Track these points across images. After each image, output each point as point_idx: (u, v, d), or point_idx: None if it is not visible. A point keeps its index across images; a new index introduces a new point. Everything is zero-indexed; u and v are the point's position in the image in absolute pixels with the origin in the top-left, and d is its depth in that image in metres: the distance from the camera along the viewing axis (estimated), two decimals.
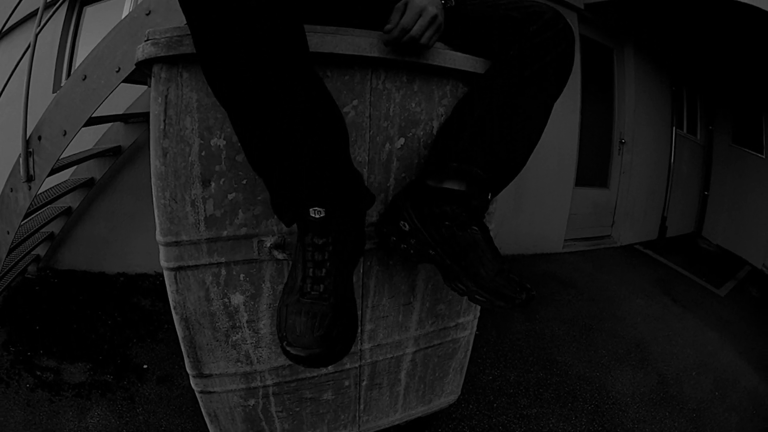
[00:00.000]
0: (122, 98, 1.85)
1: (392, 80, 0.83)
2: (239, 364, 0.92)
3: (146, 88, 2.08)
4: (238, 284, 0.82)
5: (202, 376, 0.91)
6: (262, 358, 0.93)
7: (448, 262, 0.71)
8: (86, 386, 1.62)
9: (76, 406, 1.54)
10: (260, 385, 0.97)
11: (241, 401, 0.97)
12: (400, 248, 0.76)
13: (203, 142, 0.73)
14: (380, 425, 1.18)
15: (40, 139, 1.55)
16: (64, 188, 2.05)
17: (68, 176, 2.20)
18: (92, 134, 2.08)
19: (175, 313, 0.82)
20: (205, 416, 0.98)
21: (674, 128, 4.25)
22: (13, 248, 1.89)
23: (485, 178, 0.73)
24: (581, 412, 1.68)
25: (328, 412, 1.08)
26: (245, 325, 0.86)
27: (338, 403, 1.08)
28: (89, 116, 1.48)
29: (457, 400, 1.32)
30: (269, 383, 0.97)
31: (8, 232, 1.74)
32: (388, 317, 0.99)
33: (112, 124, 2.15)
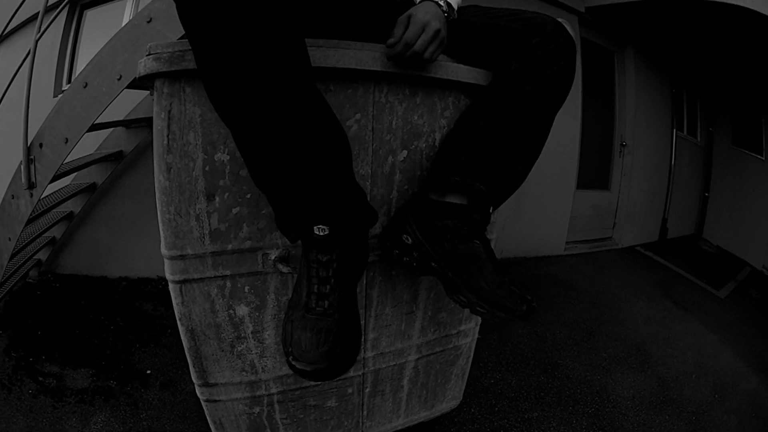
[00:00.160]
0: (123, 103, 1.85)
1: (395, 93, 0.83)
2: (244, 373, 0.93)
3: (147, 93, 2.08)
4: (243, 296, 0.83)
5: (207, 385, 0.92)
6: (266, 367, 0.94)
7: (449, 274, 0.72)
8: (89, 392, 1.63)
9: (79, 412, 1.54)
10: (265, 393, 0.98)
11: (246, 409, 0.98)
12: (402, 261, 0.77)
13: (207, 157, 0.73)
14: (383, 431, 1.19)
15: (41, 146, 1.54)
16: (65, 193, 2.06)
17: (69, 181, 2.20)
18: (93, 139, 2.08)
19: (180, 324, 0.82)
20: (210, 424, 0.98)
21: (674, 130, 4.26)
22: (14, 254, 1.89)
23: (486, 192, 0.73)
24: (582, 415, 1.69)
25: (331, 418, 1.09)
26: (250, 335, 0.87)
27: (342, 409, 1.09)
28: (91, 124, 1.48)
29: (459, 404, 1.33)
30: (274, 391, 0.98)
31: (9, 238, 1.74)
32: (390, 326, 1.00)
33: (113, 129, 2.15)
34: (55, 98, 2.65)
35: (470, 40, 0.85)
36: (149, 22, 1.42)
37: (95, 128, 1.62)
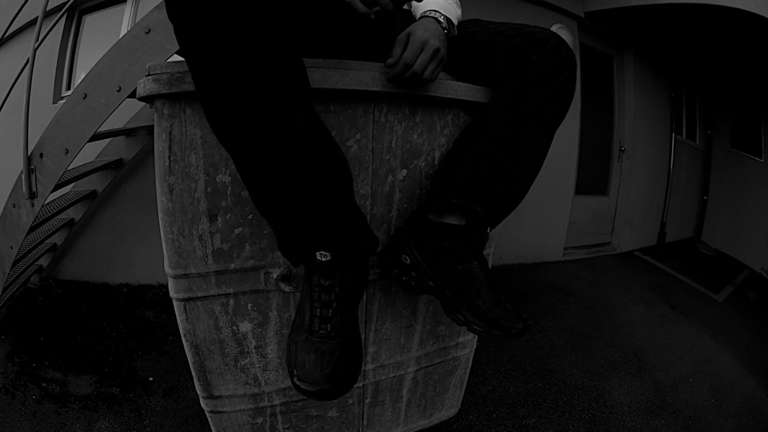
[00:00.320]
0: (123, 111, 1.85)
1: (394, 113, 0.85)
2: (248, 386, 0.94)
3: (144, 103, 2.09)
4: (246, 313, 0.84)
5: (212, 397, 0.94)
6: (269, 380, 0.95)
7: (447, 293, 0.73)
8: (93, 398, 1.64)
9: (83, 418, 1.56)
10: (268, 404, 0.99)
11: (249, 420, 1.00)
12: (401, 280, 0.79)
13: (209, 178, 0.74)
14: None
15: (41, 156, 1.54)
16: (66, 201, 2.07)
17: (70, 188, 2.21)
18: (94, 147, 2.08)
19: (185, 340, 0.84)
20: None
21: (673, 134, 4.27)
22: (17, 260, 1.90)
23: (484, 214, 0.74)
24: (578, 421, 1.71)
25: (333, 428, 1.10)
26: (253, 350, 0.89)
27: (342, 419, 1.11)
28: (91, 135, 1.47)
29: (457, 412, 1.35)
30: (276, 403, 1.00)
31: (11, 246, 1.75)
32: (390, 339, 1.02)
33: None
34: (54, 104, 2.65)
35: (470, 56, 0.84)
36: (148, 33, 1.42)
37: (96, 138, 1.62)
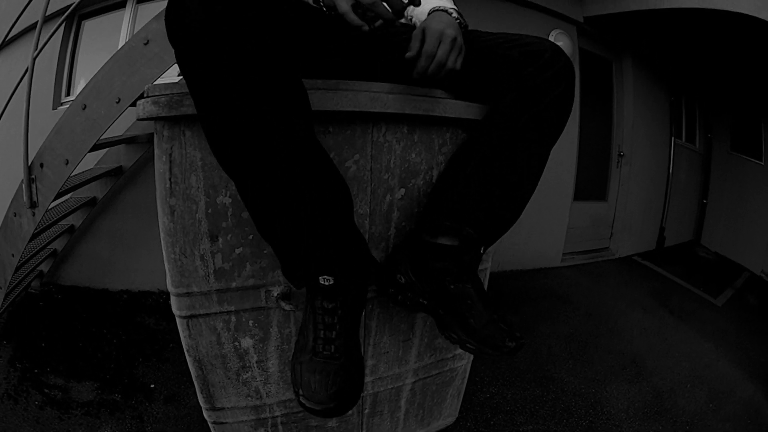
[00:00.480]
0: (123, 118, 1.86)
1: (393, 132, 0.86)
2: (249, 398, 0.96)
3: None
4: (247, 329, 0.86)
5: (215, 409, 0.95)
6: (270, 392, 0.97)
7: (441, 312, 0.75)
8: (95, 405, 1.66)
9: (86, 424, 1.57)
10: (269, 416, 1.01)
11: (251, 430, 1.01)
12: (397, 299, 0.80)
13: (209, 199, 0.75)
14: None
15: (42, 166, 1.55)
16: (66, 208, 2.08)
17: (70, 195, 2.22)
18: (94, 154, 2.09)
19: (188, 355, 0.86)
20: None
21: (673, 138, 4.27)
22: (18, 267, 1.92)
23: (476, 236, 0.75)
24: (576, 428, 1.72)
25: None
26: (255, 365, 0.90)
27: (342, 429, 1.12)
28: (90, 147, 1.48)
29: (455, 420, 1.37)
30: (277, 414, 1.02)
31: (13, 255, 1.76)
32: (388, 353, 1.04)
33: None
34: (54, 110, 2.65)
35: (467, 72, 0.83)
36: (146, 44, 1.42)
37: (96, 148, 1.62)
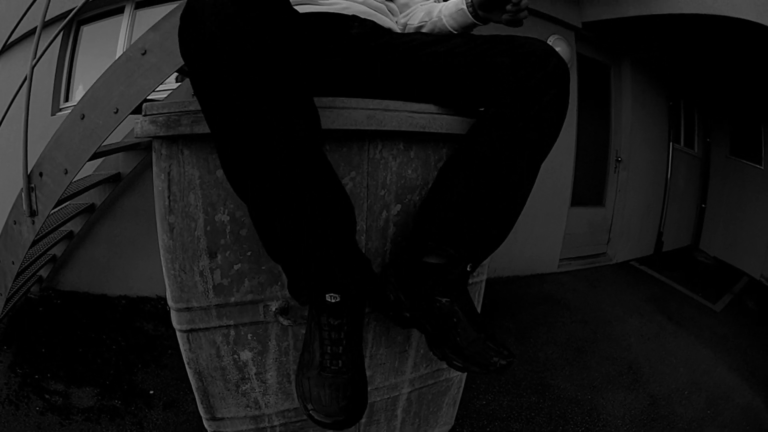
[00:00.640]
0: (121, 125, 1.87)
1: (389, 149, 0.87)
2: (249, 408, 0.97)
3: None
4: (246, 343, 0.87)
5: (215, 419, 0.97)
6: (269, 403, 0.98)
7: (429, 329, 0.76)
8: (95, 411, 1.67)
9: (86, 430, 1.59)
10: (268, 425, 1.02)
11: None
12: (389, 315, 0.82)
13: (207, 217, 0.76)
14: None
15: (41, 175, 1.56)
16: (65, 214, 2.09)
17: (69, 201, 2.24)
18: (92, 161, 2.12)
19: (188, 367, 0.87)
20: None
21: (671, 143, 4.27)
22: (19, 273, 1.94)
23: (460, 257, 0.75)
24: None
25: None
26: (254, 377, 0.92)
27: None
28: (89, 157, 1.49)
29: (450, 428, 1.38)
30: (276, 424, 1.03)
31: (13, 262, 1.77)
32: (385, 364, 1.05)
33: None
34: (53, 116, 2.66)
35: (459, 83, 0.82)
36: (144, 54, 1.43)
37: (94, 157, 1.62)
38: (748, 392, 2.19)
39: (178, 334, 0.84)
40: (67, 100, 2.79)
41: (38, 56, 1.62)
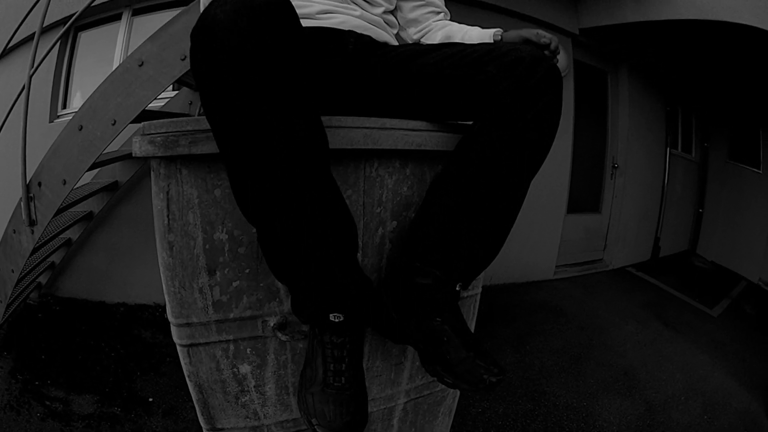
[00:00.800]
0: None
1: (385, 167, 0.88)
2: (248, 419, 0.99)
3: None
4: (245, 357, 0.88)
5: (215, 429, 0.98)
6: (268, 414, 1.00)
7: (421, 346, 0.77)
8: (95, 417, 1.68)
9: None
10: None
11: None
12: (383, 332, 0.84)
13: (206, 235, 0.77)
14: None
15: (40, 185, 1.57)
16: (63, 222, 2.10)
17: (67, 209, 2.25)
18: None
19: (189, 380, 0.89)
20: None
21: (668, 149, 4.29)
22: (18, 280, 1.95)
23: (446, 278, 0.75)
24: None
25: None
26: (253, 389, 0.93)
27: None
28: (88, 168, 1.49)
29: None
30: None
31: (12, 270, 1.78)
32: (381, 376, 1.07)
33: None
34: (51, 123, 2.66)
35: (447, 95, 0.80)
36: (141, 65, 1.44)
37: (93, 167, 1.63)
38: (745, 397, 2.19)
39: (178, 348, 0.86)
40: (64, 107, 2.79)
41: (36, 66, 1.63)
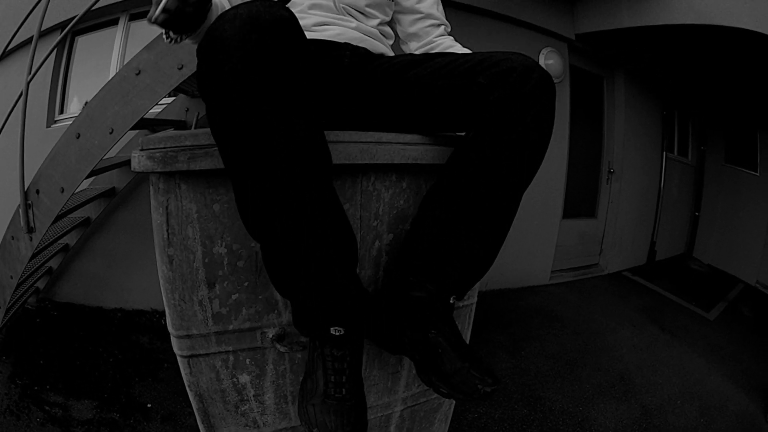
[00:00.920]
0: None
1: (381, 180, 0.89)
2: (248, 427, 1.00)
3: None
4: (244, 367, 0.90)
5: None
6: (267, 422, 1.01)
7: (416, 357, 0.78)
8: (95, 423, 1.69)
9: None
10: None
11: None
12: (380, 343, 0.85)
13: (206, 249, 0.79)
14: None
15: (38, 192, 1.57)
16: (61, 228, 2.11)
17: (65, 215, 2.26)
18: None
19: (189, 390, 0.90)
20: None
21: (664, 153, 4.30)
22: (17, 285, 1.95)
23: (440, 291, 0.76)
24: None
25: None
26: (252, 398, 0.95)
27: None
28: (85, 176, 1.50)
29: None
30: None
31: (11, 276, 1.79)
32: (378, 384, 1.08)
33: None
34: (48, 128, 2.67)
35: (441, 106, 0.81)
36: (138, 74, 1.45)
37: (90, 175, 1.64)
38: (742, 399, 2.20)
39: (179, 358, 0.87)
40: (62, 111, 2.79)
41: (33, 72, 1.63)
